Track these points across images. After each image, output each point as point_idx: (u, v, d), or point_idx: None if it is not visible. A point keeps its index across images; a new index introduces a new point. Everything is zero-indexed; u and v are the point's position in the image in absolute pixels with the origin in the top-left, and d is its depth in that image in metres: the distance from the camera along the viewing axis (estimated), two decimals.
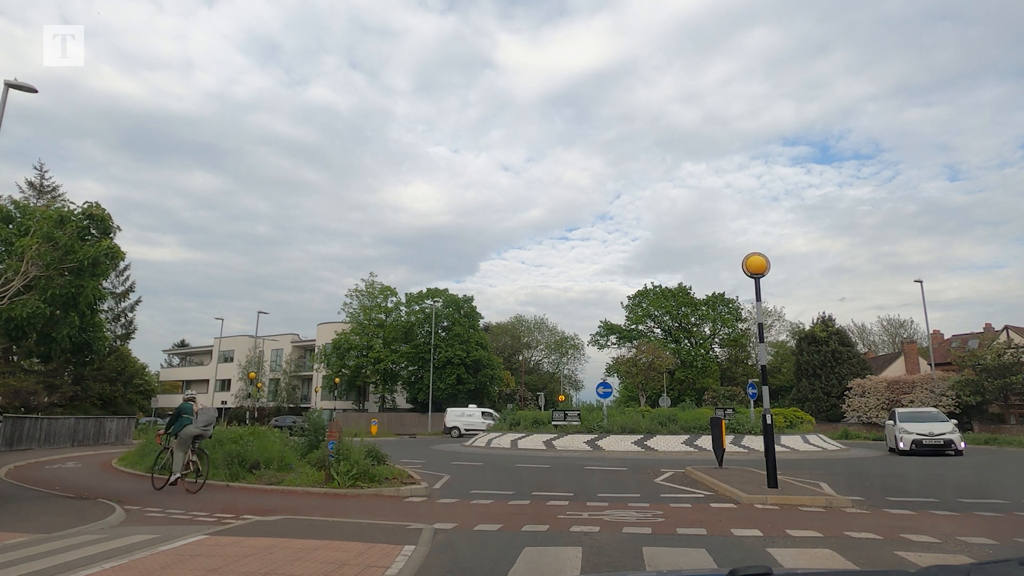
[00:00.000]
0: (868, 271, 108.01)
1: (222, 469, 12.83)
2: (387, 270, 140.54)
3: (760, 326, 10.51)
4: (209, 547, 6.05)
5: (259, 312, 43.44)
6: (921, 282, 43.29)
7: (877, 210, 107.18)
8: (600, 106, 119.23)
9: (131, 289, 34.70)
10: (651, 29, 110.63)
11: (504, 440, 25.50)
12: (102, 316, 31.79)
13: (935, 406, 39.91)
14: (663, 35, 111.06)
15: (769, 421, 9.95)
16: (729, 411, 24.56)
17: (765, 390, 10.29)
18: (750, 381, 26.19)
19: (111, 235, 9.24)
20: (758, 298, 10.47)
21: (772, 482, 9.76)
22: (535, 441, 24.26)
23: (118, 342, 34.30)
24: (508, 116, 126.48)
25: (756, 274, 10.41)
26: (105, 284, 35.96)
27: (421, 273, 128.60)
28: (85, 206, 8.73)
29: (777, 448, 22.80)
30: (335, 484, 10.94)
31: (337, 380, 50.19)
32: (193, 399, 12.78)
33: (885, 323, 78.20)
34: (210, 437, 12.21)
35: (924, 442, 21.20)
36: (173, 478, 11.10)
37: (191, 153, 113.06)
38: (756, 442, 22.49)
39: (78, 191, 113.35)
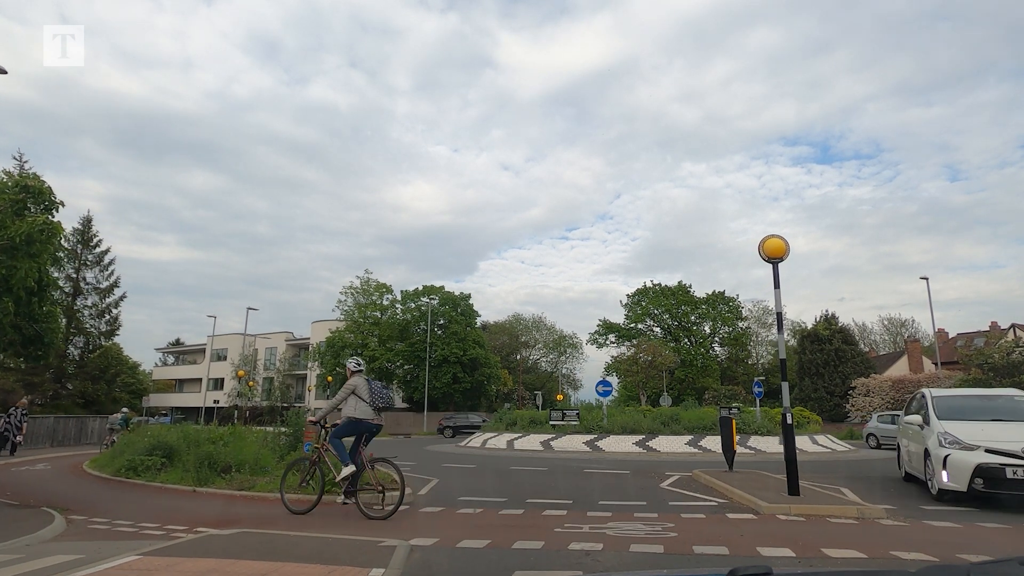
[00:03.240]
0: (868, 271, 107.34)
1: (191, 472, 11.84)
2: (387, 270, 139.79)
3: (779, 315, 9.51)
4: (137, 572, 5.05)
5: (248, 308, 42.15)
6: (927, 279, 42.31)
7: (877, 210, 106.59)
8: (601, 105, 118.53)
9: (116, 284, 33.58)
10: (652, 28, 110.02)
11: (500, 440, 24.53)
12: (68, 309, 30.93)
13: None
14: (664, 34, 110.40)
15: (789, 421, 8.96)
16: (735, 410, 23.55)
17: (785, 387, 9.30)
18: (756, 379, 25.24)
19: (53, 211, 8.26)
20: (776, 284, 9.48)
21: (793, 488, 8.77)
22: (532, 442, 23.28)
23: (102, 339, 33.22)
24: (509, 115, 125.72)
25: (774, 258, 9.43)
26: (88, 278, 35.17)
27: (421, 272, 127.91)
28: (19, 176, 7.77)
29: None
30: (309, 490, 9.93)
31: (330, 379, 49.11)
32: (123, 411, 23.85)
33: (886, 322, 77.35)
34: (122, 429, 21.23)
35: (1009, 473, 8.26)
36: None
37: (190, 152, 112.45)
38: (763, 443, 21.58)
39: (77, 190, 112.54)
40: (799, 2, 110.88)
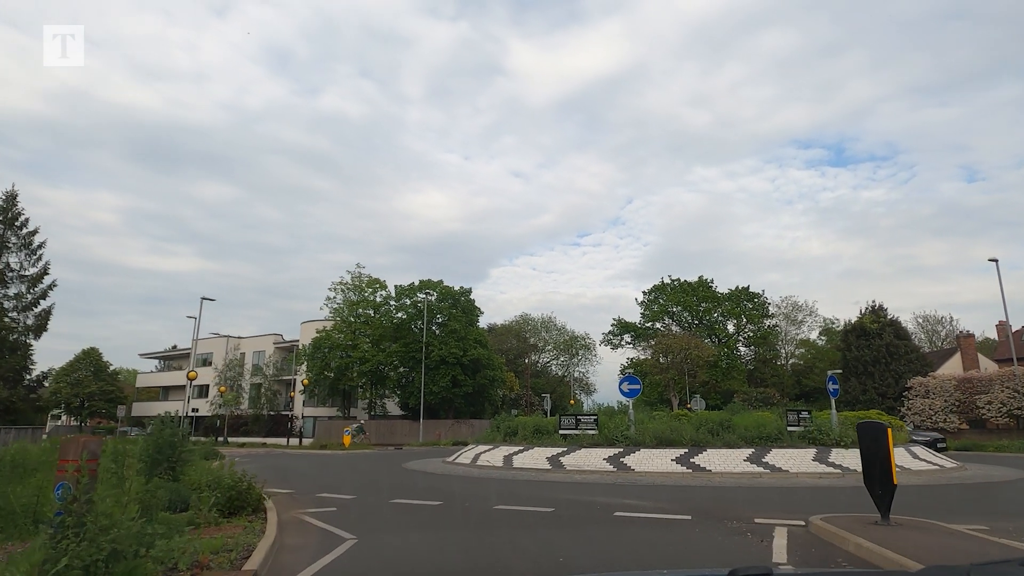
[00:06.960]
0: (883, 274, 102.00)
1: None
2: (397, 277, 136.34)
3: None
4: None
5: (203, 298, 34.91)
6: (996, 261, 36.38)
7: (892, 212, 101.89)
8: (611, 111, 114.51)
9: (45, 271, 28.35)
10: (662, 33, 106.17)
11: (496, 455, 18.94)
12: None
13: (1021, 407, 33.03)
14: (674, 38, 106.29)
15: None
16: (804, 414, 17.86)
17: None
18: (830, 374, 19.45)
19: None
20: None
21: None
22: (536, 457, 17.71)
23: (30, 335, 27.99)
24: (519, 122, 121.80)
25: None
26: (12, 263, 29.91)
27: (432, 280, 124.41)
28: None
29: None
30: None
31: (306, 382, 43.61)
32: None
33: (920, 320, 71.41)
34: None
35: None
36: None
37: (203, 163, 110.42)
38: (847, 458, 15.70)
39: (93, 202, 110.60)
40: (810, 4, 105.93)
